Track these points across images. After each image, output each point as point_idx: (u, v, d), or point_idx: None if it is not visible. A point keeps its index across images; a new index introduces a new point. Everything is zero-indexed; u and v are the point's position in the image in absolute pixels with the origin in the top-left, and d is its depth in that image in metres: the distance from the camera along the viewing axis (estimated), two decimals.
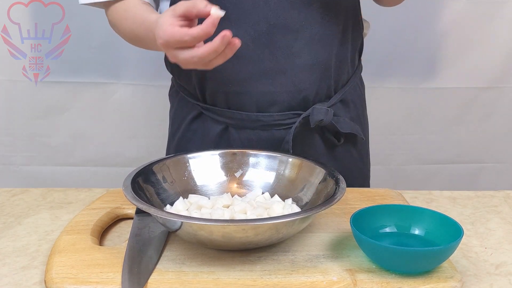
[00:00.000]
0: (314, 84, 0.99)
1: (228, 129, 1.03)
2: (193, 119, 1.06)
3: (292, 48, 0.96)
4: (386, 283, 0.70)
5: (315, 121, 0.98)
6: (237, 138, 1.02)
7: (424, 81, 1.75)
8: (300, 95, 0.99)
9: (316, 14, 0.96)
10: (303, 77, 0.98)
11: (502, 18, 1.69)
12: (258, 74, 0.97)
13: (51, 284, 0.69)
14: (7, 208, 0.93)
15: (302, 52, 0.97)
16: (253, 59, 0.96)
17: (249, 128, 1.01)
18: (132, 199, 0.75)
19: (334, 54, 1.00)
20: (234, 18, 0.94)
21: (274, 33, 0.95)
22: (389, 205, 0.82)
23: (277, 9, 0.94)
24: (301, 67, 0.97)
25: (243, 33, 0.94)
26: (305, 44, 0.97)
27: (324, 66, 0.99)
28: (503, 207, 0.96)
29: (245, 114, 1.00)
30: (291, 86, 0.98)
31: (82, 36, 1.63)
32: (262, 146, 1.00)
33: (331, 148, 1.06)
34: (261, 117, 1.00)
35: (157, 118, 1.72)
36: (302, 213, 0.74)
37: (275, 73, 0.97)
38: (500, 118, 1.82)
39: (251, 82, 0.98)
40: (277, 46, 0.96)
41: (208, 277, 0.70)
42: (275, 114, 1.00)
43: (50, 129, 1.73)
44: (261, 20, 0.95)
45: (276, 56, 0.96)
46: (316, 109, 0.98)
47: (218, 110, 1.02)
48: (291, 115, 1.00)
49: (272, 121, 1.00)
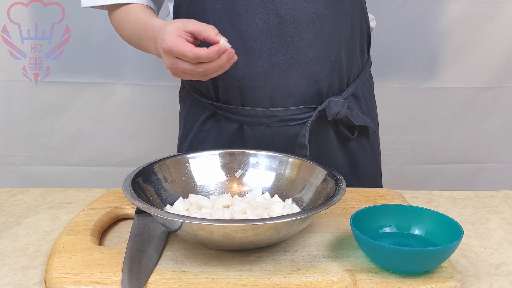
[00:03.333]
0: (327, 76, 1.00)
1: (242, 127, 1.03)
2: (206, 120, 1.06)
3: (303, 41, 0.97)
4: (386, 283, 0.70)
5: (332, 113, 0.98)
6: (251, 135, 1.02)
7: (424, 81, 1.75)
8: (313, 87, 1.00)
9: (325, 6, 0.97)
10: (315, 69, 0.99)
11: (502, 18, 1.69)
12: (271, 67, 0.97)
13: (51, 284, 0.69)
14: (7, 208, 0.93)
15: (313, 44, 0.97)
16: (265, 53, 0.97)
17: (264, 125, 1.01)
18: (132, 199, 0.75)
19: (344, 46, 1.00)
20: (244, 12, 0.95)
21: (285, 25, 0.95)
22: (389, 205, 0.82)
23: (286, 2, 0.95)
24: (313, 59, 0.98)
25: (254, 27, 0.95)
26: (316, 36, 0.97)
27: (335, 58, 1.00)
28: (503, 207, 0.96)
29: (260, 110, 1.00)
30: (304, 78, 0.99)
31: (82, 36, 1.63)
32: (277, 142, 1.01)
33: (345, 142, 1.06)
34: (276, 112, 1.00)
35: (157, 118, 1.72)
36: (302, 213, 0.74)
37: (287, 66, 0.97)
38: (500, 118, 1.82)
39: (264, 76, 0.98)
40: (288, 39, 0.96)
41: (208, 277, 0.70)
42: (290, 109, 1.00)
43: (50, 129, 1.73)
44: (271, 13, 0.95)
45: (287, 49, 0.97)
46: (333, 102, 0.99)
47: (232, 108, 1.02)
48: (306, 109, 1.00)
49: (287, 116, 1.00)
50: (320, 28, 0.97)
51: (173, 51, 0.84)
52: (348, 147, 1.07)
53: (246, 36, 0.96)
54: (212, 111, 1.05)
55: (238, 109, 1.02)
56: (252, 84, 0.98)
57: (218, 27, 0.96)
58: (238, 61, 0.93)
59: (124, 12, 1.01)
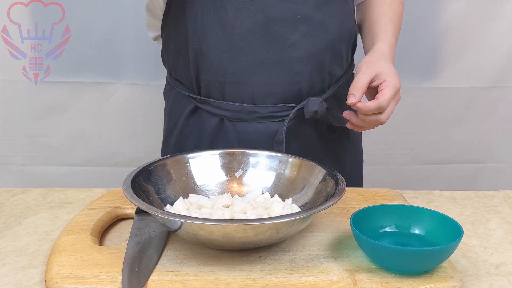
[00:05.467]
0: (309, 77, 1.00)
1: (223, 122, 1.03)
2: (189, 115, 1.07)
3: (288, 40, 0.97)
4: (386, 283, 0.70)
5: (309, 112, 0.99)
6: (232, 131, 1.03)
7: (424, 81, 1.75)
8: (295, 87, 1.00)
9: (312, 7, 0.97)
10: (298, 69, 0.99)
11: (502, 18, 1.69)
12: (254, 65, 0.98)
13: (51, 284, 0.69)
14: (7, 208, 0.93)
15: (298, 45, 0.98)
16: (250, 50, 0.97)
17: (244, 121, 1.02)
18: (132, 199, 0.75)
19: (329, 48, 1.01)
20: (231, 8, 0.95)
21: (271, 25, 0.96)
22: (389, 205, 0.82)
23: (274, 1, 0.95)
24: (297, 59, 0.98)
25: (240, 24, 0.95)
26: (301, 37, 0.97)
27: (319, 59, 1.00)
28: (503, 207, 0.96)
29: (240, 105, 1.01)
30: (286, 77, 0.99)
31: (82, 36, 1.63)
32: (258, 138, 1.01)
33: (325, 141, 1.07)
34: (257, 108, 1.01)
35: (157, 117, 1.71)
36: (302, 213, 0.74)
37: (271, 64, 0.98)
38: (500, 118, 1.82)
39: (247, 73, 0.98)
40: (273, 38, 0.96)
41: (208, 277, 0.70)
42: (270, 106, 1.01)
43: (50, 129, 1.73)
44: (257, 11, 0.95)
45: (272, 47, 0.97)
46: (311, 101, 0.99)
47: (213, 102, 1.02)
48: (286, 107, 1.01)
49: (267, 113, 1.01)
50: (306, 29, 0.97)
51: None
52: (329, 146, 1.08)
53: (231, 32, 0.96)
54: (194, 105, 1.06)
55: (219, 103, 1.02)
56: (234, 80, 0.99)
57: (205, 21, 0.96)
58: (223, 56, 0.94)
59: None
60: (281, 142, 0.98)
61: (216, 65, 0.95)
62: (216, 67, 0.98)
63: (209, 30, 0.97)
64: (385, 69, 0.93)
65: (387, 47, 0.99)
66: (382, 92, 0.91)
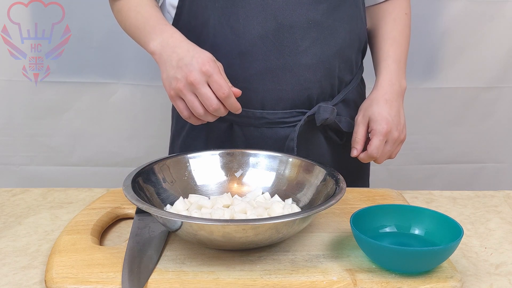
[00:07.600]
0: (319, 83, 1.00)
1: (232, 127, 1.03)
2: None
3: (298, 47, 0.97)
4: (386, 283, 0.70)
5: (321, 119, 0.99)
6: (241, 135, 1.02)
7: (424, 81, 1.75)
8: (305, 93, 1.00)
9: (323, 13, 0.97)
10: (308, 76, 0.99)
11: (502, 18, 1.69)
12: (264, 71, 0.98)
13: (51, 284, 0.69)
14: (7, 208, 0.93)
15: (308, 51, 0.98)
16: (260, 57, 0.97)
17: (253, 126, 1.02)
18: (132, 199, 0.75)
19: (339, 54, 1.01)
20: (243, 15, 0.95)
21: (282, 31, 0.96)
22: (389, 205, 0.83)
23: (285, 8, 0.95)
24: (307, 65, 0.98)
25: (251, 30, 0.95)
26: (312, 43, 0.97)
27: (329, 65, 1.00)
28: (503, 207, 0.96)
29: (250, 111, 1.00)
30: (296, 84, 0.99)
31: (82, 36, 1.63)
32: (266, 144, 1.01)
33: (334, 146, 1.06)
34: (266, 114, 1.01)
35: (157, 118, 1.72)
36: (302, 213, 0.74)
37: (281, 70, 0.98)
38: (500, 118, 1.82)
39: (257, 79, 0.98)
40: (284, 44, 0.97)
41: (208, 277, 0.70)
42: (279, 112, 1.00)
43: (50, 129, 1.73)
44: (269, 18, 0.95)
45: (282, 54, 0.97)
46: (322, 108, 0.99)
47: None
48: (295, 113, 1.01)
49: (277, 119, 1.01)
50: (317, 36, 0.97)
51: (207, 72, 0.86)
52: (337, 152, 1.07)
53: (242, 39, 0.96)
54: None
55: None
56: (245, 86, 0.98)
57: (217, 27, 0.96)
58: (233, 62, 0.94)
59: None
60: (292, 148, 0.98)
61: (226, 71, 0.94)
62: (227, 73, 0.97)
63: (220, 37, 0.97)
64: (376, 115, 0.98)
65: (386, 81, 1.02)
66: (370, 142, 0.98)
